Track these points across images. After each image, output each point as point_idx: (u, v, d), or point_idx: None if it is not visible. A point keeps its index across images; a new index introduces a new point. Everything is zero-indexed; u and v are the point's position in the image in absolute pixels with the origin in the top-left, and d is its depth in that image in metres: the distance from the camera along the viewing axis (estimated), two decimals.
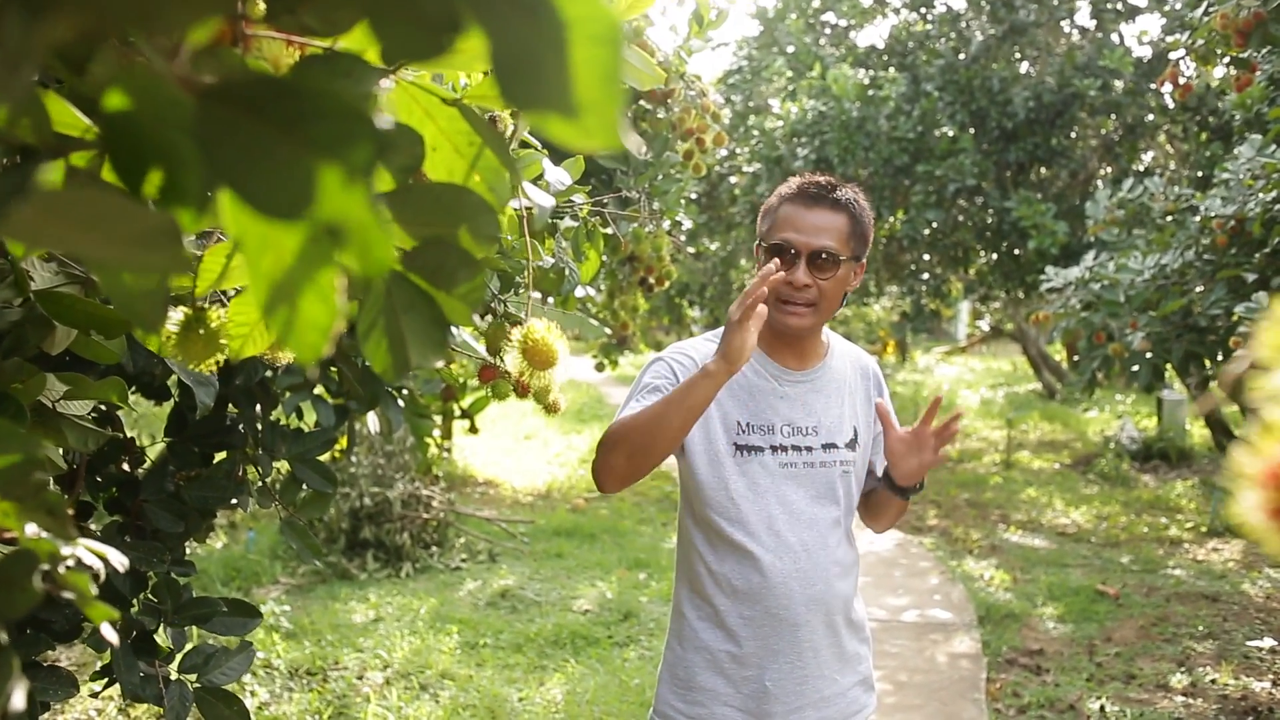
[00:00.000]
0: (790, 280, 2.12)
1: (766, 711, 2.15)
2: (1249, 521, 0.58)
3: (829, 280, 2.14)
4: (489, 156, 0.76)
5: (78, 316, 1.31)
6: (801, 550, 2.17)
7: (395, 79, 0.75)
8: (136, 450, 2.25)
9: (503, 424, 13.79)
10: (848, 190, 2.20)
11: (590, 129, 0.47)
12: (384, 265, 0.48)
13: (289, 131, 0.46)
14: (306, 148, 0.45)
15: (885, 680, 5.09)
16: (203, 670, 2.04)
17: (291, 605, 6.07)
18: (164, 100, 0.46)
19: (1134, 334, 5.99)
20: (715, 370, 1.97)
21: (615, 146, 0.47)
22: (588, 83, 0.46)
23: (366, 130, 0.46)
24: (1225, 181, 5.97)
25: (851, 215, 2.17)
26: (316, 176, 0.45)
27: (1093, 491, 9.76)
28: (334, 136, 0.45)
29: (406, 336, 0.69)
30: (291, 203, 0.45)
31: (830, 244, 2.13)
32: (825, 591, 2.19)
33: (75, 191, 0.52)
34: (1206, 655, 5.35)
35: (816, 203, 2.16)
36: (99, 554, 0.95)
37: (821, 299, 2.15)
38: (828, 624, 2.21)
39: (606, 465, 2.06)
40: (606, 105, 0.46)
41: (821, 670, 2.20)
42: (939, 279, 13.49)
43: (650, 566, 7.16)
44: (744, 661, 2.16)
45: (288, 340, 0.52)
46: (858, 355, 2.39)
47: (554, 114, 0.46)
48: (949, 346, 28.77)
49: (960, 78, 11.50)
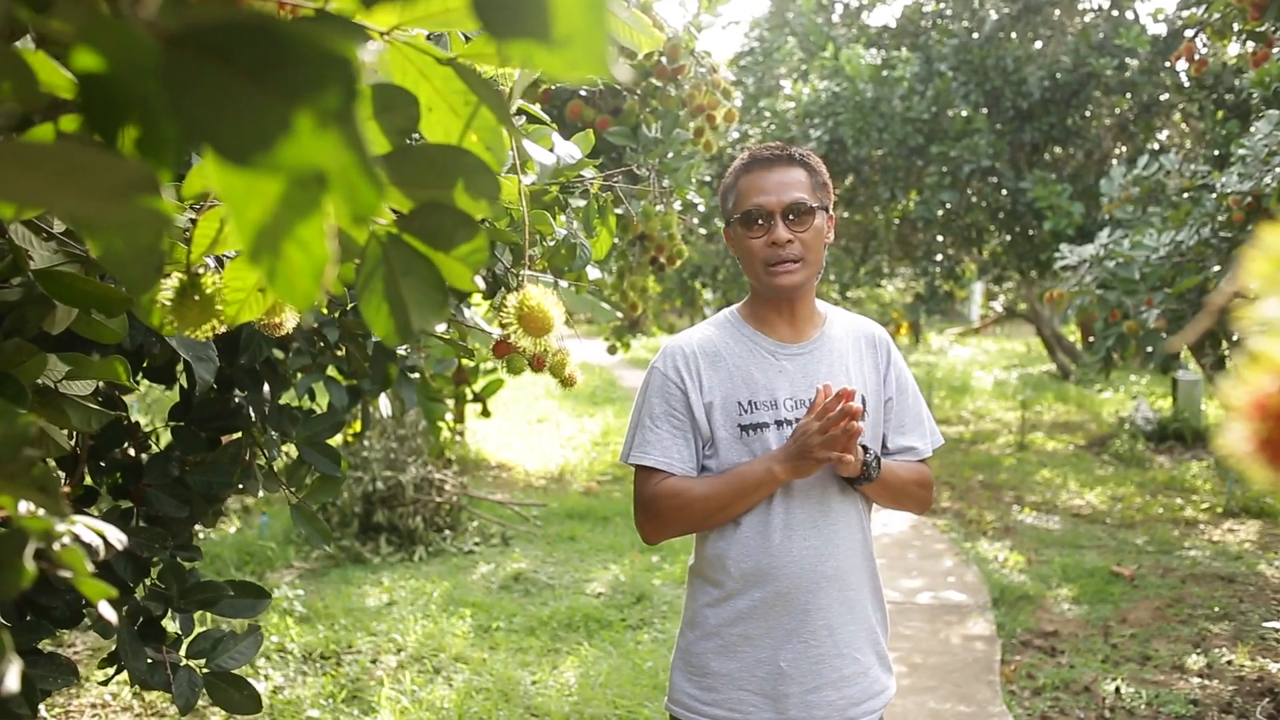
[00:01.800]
0: (773, 240, 2.14)
1: (782, 693, 2.12)
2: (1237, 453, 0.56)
3: (807, 231, 2.15)
4: (486, 115, 0.74)
5: (78, 295, 1.30)
6: (810, 527, 2.14)
7: (389, 39, 0.73)
8: (141, 434, 2.23)
9: (515, 407, 13.80)
10: (797, 150, 2.24)
11: (576, 58, 0.44)
12: (372, 207, 0.46)
13: (258, 78, 0.43)
14: (275, 94, 0.43)
15: (900, 662, 5.07)
16: (211, 655, 2.03)
17: (305, 589, 6.08)
18: (132, 47, 0.43)
19: (1149, 312, 5.95)
20: (781, 475, 2.08)
21: (603, 75, 0.44)
22: (570, 10, 0.44)
23: (337, 74, 0.43)
24: (1242, 158, 5.91)
25: (808, 168, 2.21)
26: (287, 123, 0.43)
27: (1107, 472, 9.71)
28: (303, 82, 0.43)
29: (406, 299, 0.67)
30: (262, 151, 0.42)
31: (800, 195, 2.16)
32: (839, 567, 2.15)
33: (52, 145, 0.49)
34: (1222, 636, 5.32)
35: (773, 164, 2.20)
36: (97, 531, 0.93)
37: (806, 252, 2.16)
38: (844, 601, 2.16)
39: (658, 534, 2.20)
40: (592, 33, 0.44)
41: (839, 649, 2.15)
42: (952, 260, 13.43)
43: (663, 549, 7.15)
44: (757, 643, 2.14)
45: (279, 289, 0.50)
46: (862, 324, 2.35)
47: (537, 43, 0.44)
48: (962, 328, 28.73)
49: (974, 57, 11.41)
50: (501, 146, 0.75)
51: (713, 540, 2.19)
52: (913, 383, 2.36)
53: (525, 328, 1.21)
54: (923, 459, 2.32)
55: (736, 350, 2.21)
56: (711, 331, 2.27)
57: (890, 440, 2.30)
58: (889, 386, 2.29)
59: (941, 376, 18.14)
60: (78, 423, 1.47)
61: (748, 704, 2.14)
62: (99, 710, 4.44)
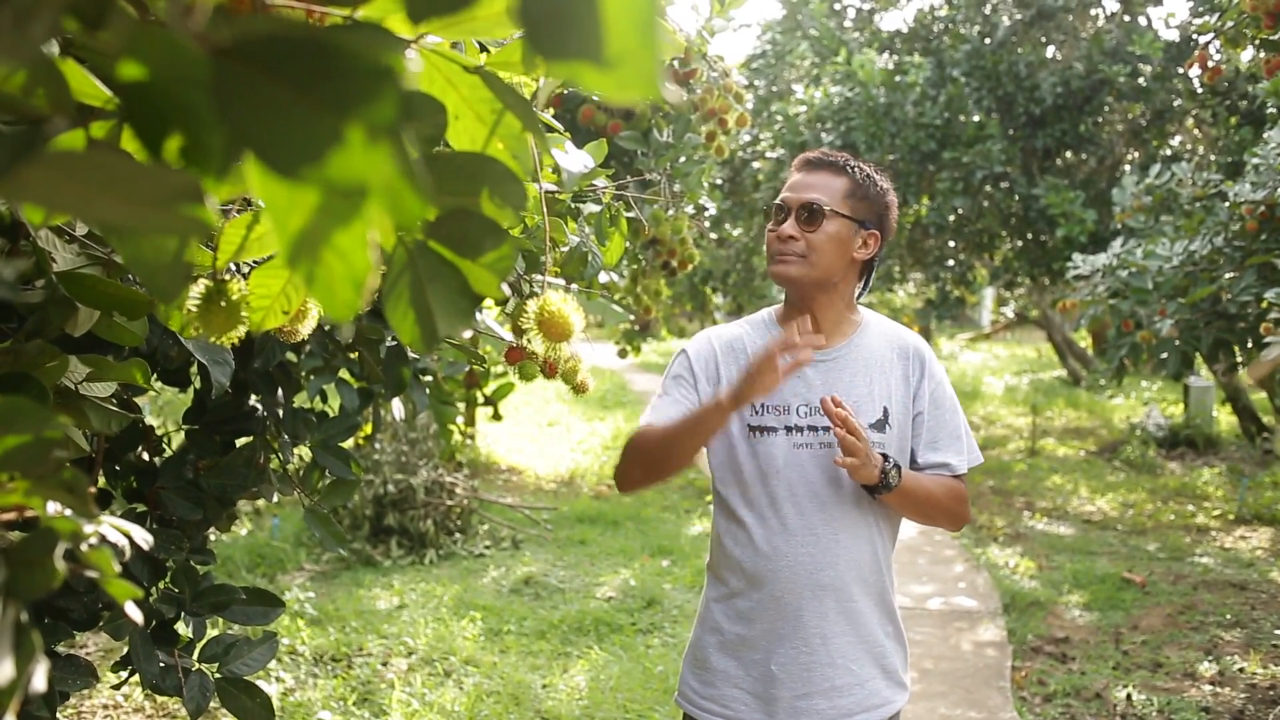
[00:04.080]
0: (779, 233, 2.17)
1: (773, 696, 2.14)
2: None
3: (816, 232, 2.15)
4: (512, 123, 0.74)
5: (100, 298, 1.31)
6: (808, 534, 2.14)
7: (417, 48, 0.74)
8: (156, 438, 2.24)
9: (526, 411, 13.81)
10: (858, 162, 2.24)
11: (626, 79, 0.45)
12: (417, 218, 0.46)
13: (307, 91, 0.44)
14: (325, 107, 0.43)
15: (911, 668, 5.04)
16: (224, 660, 2.03)
17: (316, 592, 6.09)
18: (181, 59, 0.44)
19: (1163, 321, 5.93)
20: (726, 406, 2.02)
21: (653, 96, 0.45)
22: (621, 30, 0.44)
23: (388, 89, 0.44)
24: (1255, 167, 5.90)
25: (853, 179, 2.20)
26: (336, 136, 0.43)
27: (1119, 479, 9.69)
28: (353, 95, 0.44)
29: (433, 306, 0.68)
30: (312, 163, 0.43)
31: (818, 197, 2.16)
32: (837, 578, 2.14)
33: (93, 154, 0.50)
34: (1234, 643, 5.30)
35: (817, 167, 2.23)
36: (123, 531, 0.94)
37: (810, 251, 2.16)
38: (843, 611, 2.16)
39: (624, 474, 2.20)
40: (642, 54, 0.44)
41: (833, 658, 2.14)
42: (964, 265, 13.41)
43: (673, 553, 7.15)
44: (753, 644, 2.17)
45: (320, 297, 0.51)
46: (900, 335, 2.30)
47: (587, 64, 0.44)
48: (974, 333, 28.67)
49: (986, 63, 11.40)
50: (528, 154, 0.76)
51: (724, 539, 2.22)
52: (951, 398, 2.30)
53: (545, 333, 1.22)
54: (957, 475, 2.25)
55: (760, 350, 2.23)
56: (744, 329, 2.31)
57: (921, 455, 2.24)
58: (920, 400, 2.24)
59: (952, 382, 18.07)
60: (98, 424, 1.48)
61: (740, 703, 2.17)
62: (110, 711, 4.46)
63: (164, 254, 0.64)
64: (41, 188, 0.47)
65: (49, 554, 0.76)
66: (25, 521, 0.84)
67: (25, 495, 0.82)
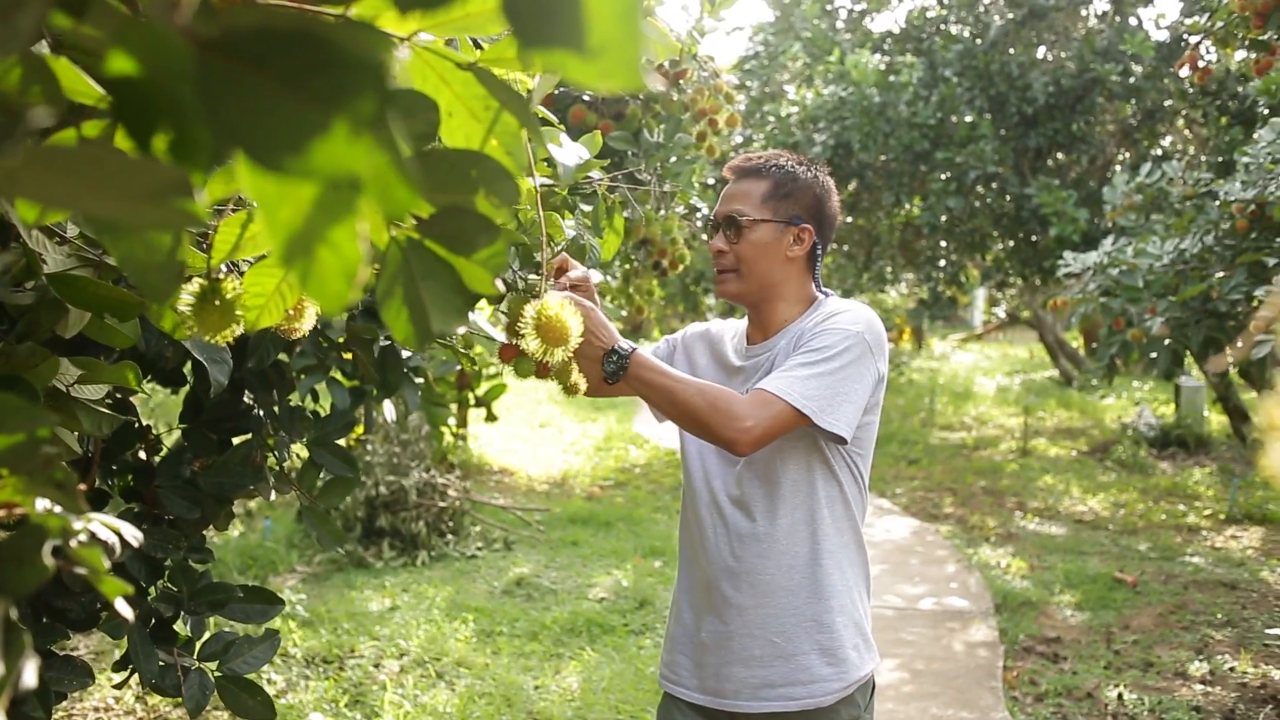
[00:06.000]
0: (710, 248, 2.22)
1: (705, 662, 2.21)
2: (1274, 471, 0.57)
3: (741, 243, 2.16)
4: (507, 120, 0.74)
5: (91, 299, 1.30)
6: (720, 520, 2.19)
7: (410, 44, 0.74)
8: (152, 437, 2.24)
9: (518, 412, 13.80)
10: (779, 159, 2.23)
11: (609, 69, 0.45)
12: (405, 208, 0.46)
13: (292, 84, 0.44)
14: (310, 100, 0.44)
15: (902, 668, 5.07)
16: (223, 659, 2.03)
17: (308, 593, 6.08)
18: (167, 52, 0.44)
19: (1153, 319, 5.95)
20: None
21: (635, 86, 0.45)
22: (604, 20, 0.44)
23: (371, 82, 0.44)
24: (1246, 166, 5.92)
25: (773, 180, 2.19)
26: (322, 129, 0.43)
27: (1110, 479, 9.71)
28: (337, 89, 0.44)
29: (427, 304, 0.68)
30: (297, 156, 0.43)
31: (738, 207, 2.18)
32: (756, 566, 2.13)
33: (82, 149, 0.50)
34: (1225, 643, 5.31)
35: (741, 175, 2.24)
36: (113, 528, 0.94)
37: (740, 263, 2.17)
38: (759, 588, 2.13)
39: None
40: (626, 43, 0.44)
41: (749, 629, 2.14)
42: (956, 265, 13.44)
43: (665, 554, 7.15)
44: (688, 612, 2.28)
45: (312, 290, 0.51)
46: (829, 312, 2.15)
47: (570, 53, 0.45)
48: (965, 333, 28.73)
49: (978, 63, 11.43)
50: (522, 151, 0.76)
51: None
52: (823, 349, 2.05)
53: (543, 337, 1.21)
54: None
55: (726, 343, 2.33)
56: (730, 323, 2.40)
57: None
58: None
59: (944, 382, 18.13)
60: (89, 427, 1.47)
61: (682, 668, 2.27)
62: (102, 713, 4.45)
63: (156, 253, 0.64)
64: (30, 182, 0.47)
65: (37, 550, 0.76)
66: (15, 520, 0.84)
67: (15, 492, 0.82)
